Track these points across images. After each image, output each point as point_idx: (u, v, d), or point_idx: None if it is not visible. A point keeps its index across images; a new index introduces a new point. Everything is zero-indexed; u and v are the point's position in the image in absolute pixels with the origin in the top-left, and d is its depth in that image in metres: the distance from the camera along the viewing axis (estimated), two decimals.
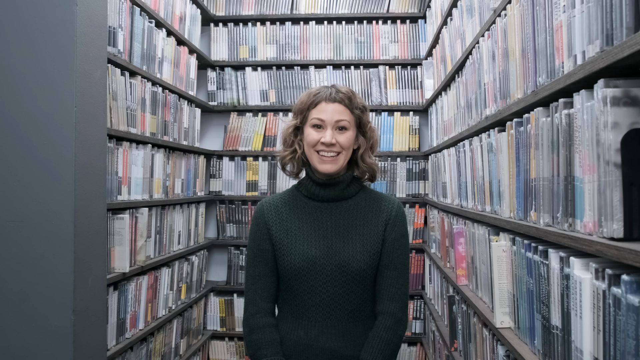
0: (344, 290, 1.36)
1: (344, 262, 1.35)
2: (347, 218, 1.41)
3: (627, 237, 0.86)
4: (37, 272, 1.53)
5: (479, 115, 1.95)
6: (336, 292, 1.36)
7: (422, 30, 3.66)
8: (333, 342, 1.36)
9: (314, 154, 1.38)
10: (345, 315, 1.37)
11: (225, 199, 3.68)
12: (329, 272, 1.35)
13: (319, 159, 1.38)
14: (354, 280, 1.36)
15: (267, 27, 3.72)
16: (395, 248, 1.40)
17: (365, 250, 1.37)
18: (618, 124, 0.87)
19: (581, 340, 0.97)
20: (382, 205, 1.43)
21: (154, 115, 2.63)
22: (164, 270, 2.72)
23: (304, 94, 1.43)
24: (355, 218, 1.41)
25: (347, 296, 1.36)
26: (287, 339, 1.39)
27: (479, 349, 1.84)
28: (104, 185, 1.75)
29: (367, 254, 1.37)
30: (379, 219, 1.41)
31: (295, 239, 1.39)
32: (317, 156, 1.38)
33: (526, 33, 1.35)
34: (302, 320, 1.38)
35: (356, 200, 1.43)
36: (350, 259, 1.36)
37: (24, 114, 1.55)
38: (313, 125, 1.38)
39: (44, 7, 1.55)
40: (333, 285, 1.35)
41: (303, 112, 1.40)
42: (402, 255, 1.41)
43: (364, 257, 1.36)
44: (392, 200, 1.45)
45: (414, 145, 3.65)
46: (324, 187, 1.41)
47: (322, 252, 1.36)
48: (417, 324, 3.55)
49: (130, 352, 2.31)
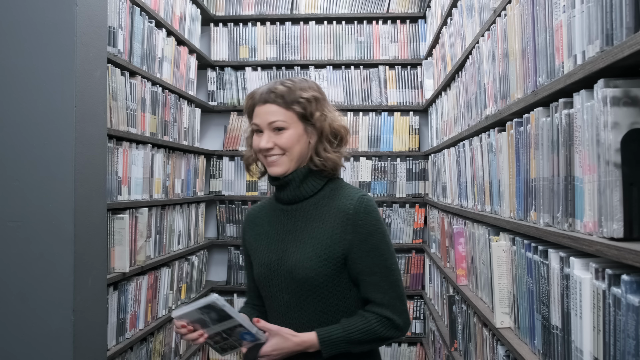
0: (297, 299, 1.27)
1: (292, 268, 1.26)
2: (305, 220, 1.30)
3: (627, 237, 0.86)
4: (37, 272, 1.53)
5: (479, 115, 1.95)
6: (290, 300, 1.27)
7: (422, 30, 3.66)
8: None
9: (262, 158, 1.32)
10: (302, 326, 1.25)
11: (225, 199, 3.68)
12: (282, 279, 1.28)
13: (267, 163, 1.30)
14: (305, 289, 1.25)
15: (267, 27, 3.72)
16: (364, 251, 1.24)
17: (315, 255, 1.24)
18: (618, 124, 0.87)
19: (581, 340, 0.97)
20: (340, 202, 1.27)
21: (154, 115, 2.63)
22: (164, 270, 2.72)
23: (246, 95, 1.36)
24: (313, 219, 1.29)
25: (300, 305, 1.27)
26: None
27: (479, 349, 1.84)
28: (104, 185, 1.75)
29: (317, 260, 1.24)
30: (335, 219, 1.26)
31: (260, 244, 1.35)
32: (265, 160, 1.31)
33: (526, 33, 1.35)
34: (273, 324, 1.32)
35: (318, 199, 1.31)
36: (297, 264, 1.25)
37: (24, 114, 1.55)
38: (253, 130, 1.32)
39: (44, 7, 1.55)
40: (287, 292, 1.28)
41: (249, 117, 1.34)
42: (376, 256, 1.24)
43: (313, 263, 1.24)
44: (351, 196, 1.27)
45: (414, 145, 3.65)
46: (279, 189, 1.34)
47: (277, 257, 1.29)
48: (417, 324, 3.55)
49: (130, 352, 2.31)
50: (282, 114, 1.26)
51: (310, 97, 1.28)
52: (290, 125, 1.27)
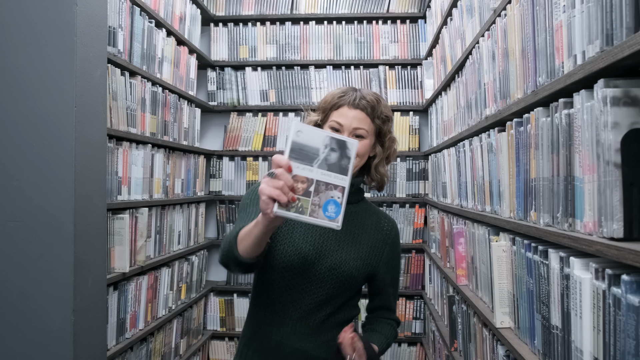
0: (328, 293, 1.33)
1: (335, 265, 1.32)
2: (346, 222, 1.36)
3: (627, 237, 0.86)
4: (37, 272, 1.53)
5: (479, 115, 1.95)
6: (320, 292, 1.32)
7: (422, 30, 3.66)
8: (305, 342, 1.32)
9: None
10: (323, 317, 1.34)
11: (225, 199, 3.68)
12: (318, 273, 1.32)
13: None
14: (341, 284, 1.33)
15: (267, 27, 3.72)
16: (393, 267, 1.44)
17: (358, 257, 1.35)
18: (618, 124, 0.87)
19: (581, 340, 0.97)
20: (381, 221, 1.43)
21: (154, 115, 2.63)
22: (164, 270, 2.72)
23: (329, 92, 1.40)
24: (354, 225, 1.39)
25: (330, 299, 1.33)
26: (258, 334, 1.36)
27: (479, 349, 1.84)
28: (104, 185, 1.75)
29: (360, 262, 1.35)
30: (379, 234, 1.40)
31: (292, 231, 1.34)
32: None
33: (526, 33, 1.35)
34: (277, 315, 1.34)
35: (358, 208, 1.41)
36: (342, 262, 1.33)
37: (24, 114, 1.55)
38: (331, 127, 1.34)
39: (44, 7, 1.55)
40: (319, 285, 1.32)
41: (325, 111, 1.37)
42: (397, 272, 1.47)
43: (357, 264, 1.34)
44: (391, 220, 1.47)
45: (414, 145, 3.65)
46: None
47: (315, 251, 1.32)
48: (417, 324, 3.55)
49: (130, 352, 2.31)
50: (367, 124, 1.33)
51: (390, 115, 1.39)
52: (368, 136, 1.34)
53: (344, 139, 1.02)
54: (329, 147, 1.00)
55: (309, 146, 0.99)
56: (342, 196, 1.01)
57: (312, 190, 1.01)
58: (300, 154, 1.00)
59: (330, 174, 1.00)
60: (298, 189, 1.00)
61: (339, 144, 1.01)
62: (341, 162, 1.01)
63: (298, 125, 1.00)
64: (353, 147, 1.02)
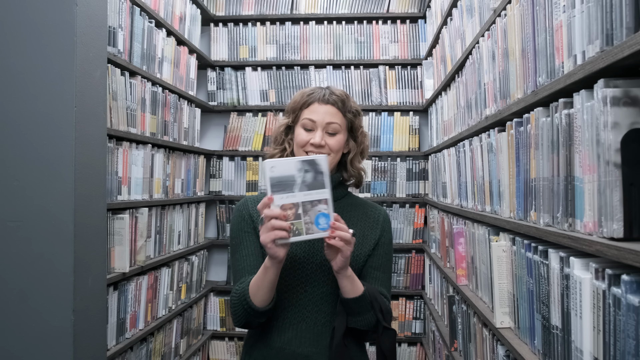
0: (323, 292, 1.31)
1: (324, 260, 1.29)
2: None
3: (627, 237, 0.86)
4: (37, 272, 1.53)
5: (479, 115, 1.95)
6: (314, 292, 1.31)
7: (422, 30, 3.66)
8: (307, 347, 1.30)
9: (302, 154, 1.34)
10: (322, 319, 1.31)
11: (225, 199, 3.68)
12: (309, 271, 1.31)
13: None
14: (334, 282, 1.29)
15: (267, 27, 3.72)
16: (385, 252, 1.40)
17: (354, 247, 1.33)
18: (618, 124, 0.87)
19: (581, 340, 0.97)
20: (369, 210, 1.42)
21: (154, 115, 2.63)
22: (164, 270, 2.72)
23: (297, 93, 1.40)
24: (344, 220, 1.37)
25: (325, 298, 1.31)
26: (259, 342, 1.35)
27: (479, 349, 1.84)
28: (104, 185, 1.75)
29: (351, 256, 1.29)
30: (366, 223, 1.39)
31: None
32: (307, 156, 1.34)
33: (526, 33, 1.35)
34: (277, 321, 1.32)
35: (342, 204, 1.39)
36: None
37: (24, 114, 1.55)
38: (304, 125, 1.34)
39: (44, 7, 1.55)
40: (312, 285, 1.31)
41: (295, 111, 1.37)
42: (390, 260, 1.42)
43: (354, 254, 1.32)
44: (380, 208, 1.45)
45: (414, 145, 3.65)
46: None
47: (304, 250, 1.31)
48: (417, 324, 3.55)
49: (130, 352, 2.31)
50: (340, 119, 1.35)
51: (359, 110, 1.41)
52: (341, 131, 1.36)
53: (312, 157, 1.11)
54: (302, 170, 1.10)
55: (285, 176, 1.09)
56: (328, 206, 1.12)
57: (301, 212, 1.12)
58: (280, 186, 1.10)
59: (312, 192, 1.10)
60: (289, 216, 1.11)
61: (310, 163, 1.10)
62: (317, 178, 1.10)
63: (270, 162, 1.10)
64: (322, 161, 1.10)
